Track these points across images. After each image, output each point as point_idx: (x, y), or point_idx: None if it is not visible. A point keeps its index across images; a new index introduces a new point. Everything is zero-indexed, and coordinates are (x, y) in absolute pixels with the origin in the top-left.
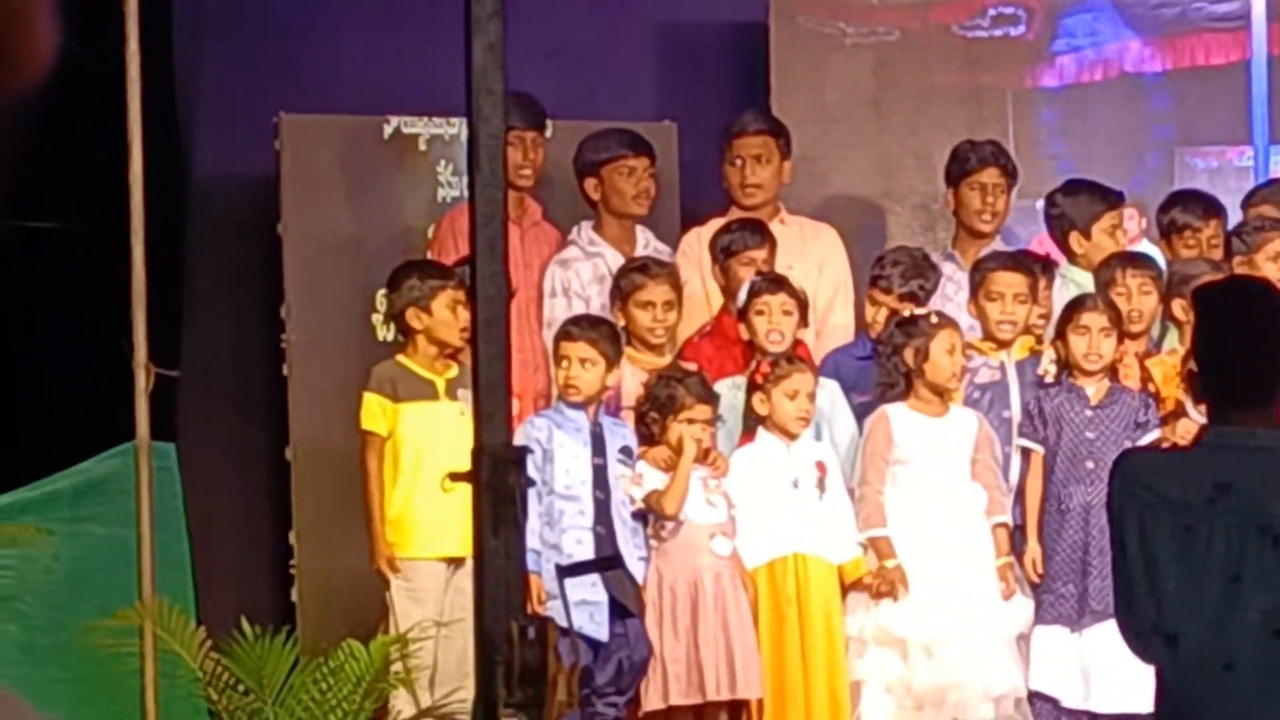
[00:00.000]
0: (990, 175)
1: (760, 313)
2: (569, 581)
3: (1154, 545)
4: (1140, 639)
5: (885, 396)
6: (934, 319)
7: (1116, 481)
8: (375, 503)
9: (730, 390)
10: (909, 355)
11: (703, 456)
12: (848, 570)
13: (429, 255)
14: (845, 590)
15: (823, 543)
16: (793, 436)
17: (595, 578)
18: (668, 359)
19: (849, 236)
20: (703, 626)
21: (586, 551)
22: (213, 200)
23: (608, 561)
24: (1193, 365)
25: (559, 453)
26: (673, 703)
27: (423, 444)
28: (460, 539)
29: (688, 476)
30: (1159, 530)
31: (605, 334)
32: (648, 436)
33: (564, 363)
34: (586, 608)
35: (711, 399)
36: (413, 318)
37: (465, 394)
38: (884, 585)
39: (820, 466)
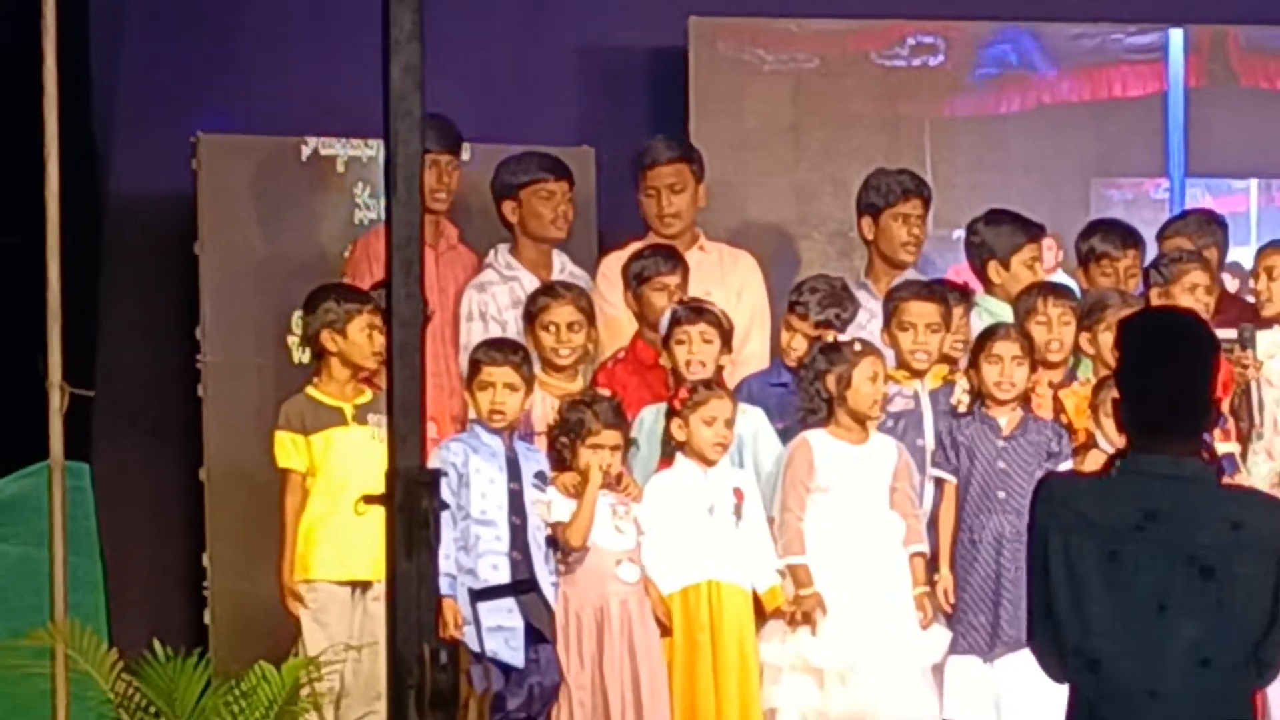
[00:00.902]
0: (914, 206)
1: (681, 341)
2: (484, 606)
3: (1079, 569)
4: (1059, 661)
5: (806, 422)
6: (858, 346)
7: (1041, 504)
8: (290, 540)
9: (655, 417)
10: (831, 382)
11: (615, 482)
12: (766, 599)
13: (344, 278)
14: (763, 618)
15: (738, 570)
16: (710, 463)
17: (511, 603)
18: (580, 384)
19: (765, 263)
20: (608, 653)
21: (502, 577)
22: (129, 219)
23: (522, 585)
24: (1115, 394)
25: (475, 478)
26: None
27: (332, 469)
28: (368, 563)
29: (593, 509)
30: (1085, 554)
31: (524, 358)
32: (560, 462)
33: (488, 389)
34: (502, 634)
35: (620, 424)
36: (328, 339)
37: (375, 418)
38: (801, 613)
39: (738, 493)
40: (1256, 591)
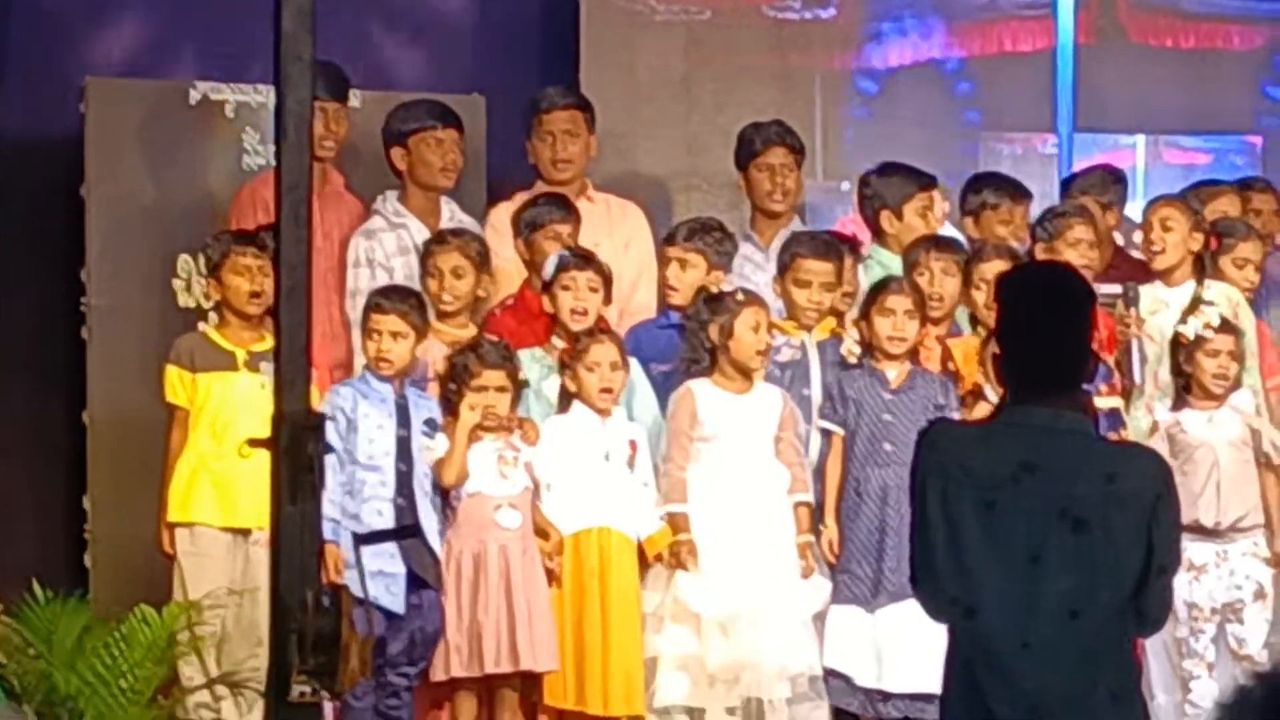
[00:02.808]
0: (777, 155)
1: (566, 288)
2: (366, 551)
3: (956, 516)
4: (938, 607)
5: (690, 371)
6: (740, 296)
7: (925, 450)
8: (167, 477)
9: (529, 363)
10: (714, 331)
11: (506, 425)
12: (648, 545)
13: (229, 225)
14: (645, 565)
15: (627, 518)
16: (603, 411)
17: (394, 549)
18: (472, 330)
19: (654, 214)
20: (483, 599)
21: (387, 523)
22: (16, 161)
23: (405, 530)
24: (995, 349)
25: (363, 423)
26: (453, 674)
27: (217, 413)
28: (250, 509)
29: (464, 447)
30: (962, 502)
31: (415, 305)
32: (450, 408)
33: (375, 336)
34: (383, 579)
35: (506, 366)
36: (211, 286)
37: (267, 367)
38: (674, 558)
39: (633, 445)
40: (1130, 543)
